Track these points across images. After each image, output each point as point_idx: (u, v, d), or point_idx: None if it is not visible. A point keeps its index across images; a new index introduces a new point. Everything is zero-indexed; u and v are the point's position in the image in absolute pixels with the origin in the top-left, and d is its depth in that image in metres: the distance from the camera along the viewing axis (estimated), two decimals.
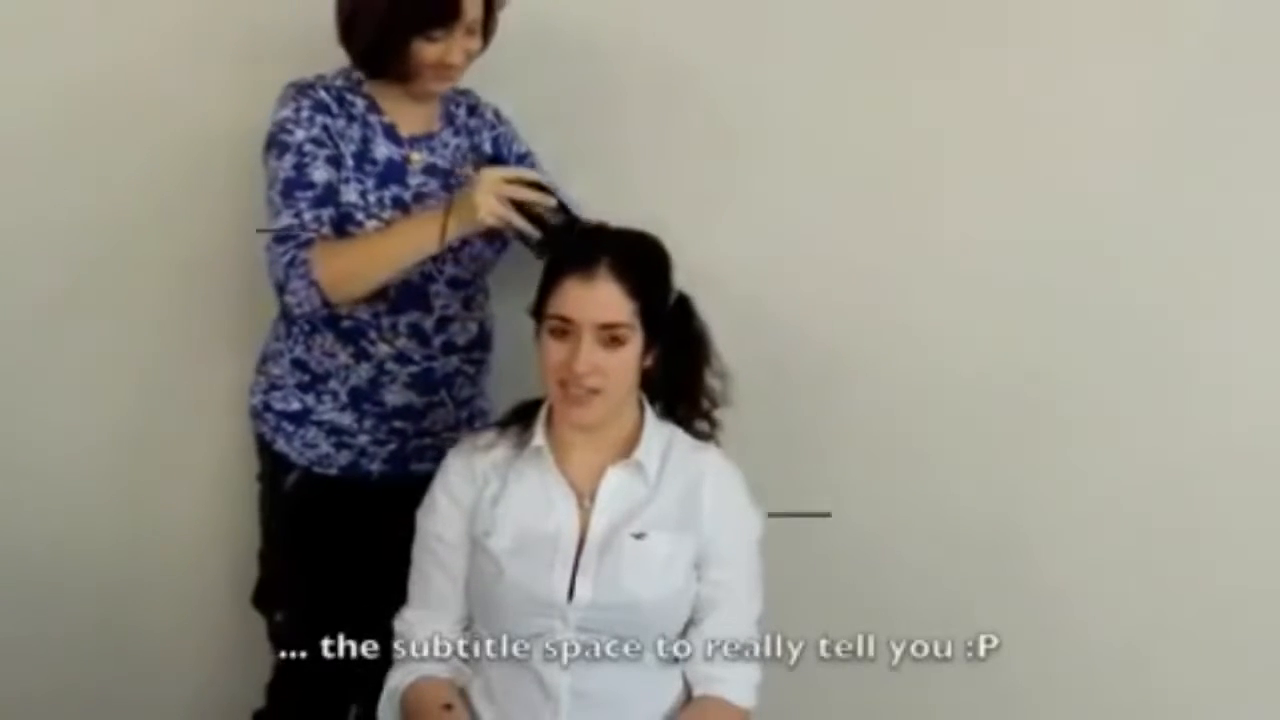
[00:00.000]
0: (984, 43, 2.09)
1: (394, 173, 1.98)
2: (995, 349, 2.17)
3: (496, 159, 2.03)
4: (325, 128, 1.93)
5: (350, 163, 1.95)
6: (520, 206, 1.81)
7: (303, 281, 1.85)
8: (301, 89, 1.95)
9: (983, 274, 2.15)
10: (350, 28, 1.92)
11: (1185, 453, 2.12)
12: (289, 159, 1.90)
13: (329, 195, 1.91)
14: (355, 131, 1.96)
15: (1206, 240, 2.06)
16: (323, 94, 1.95)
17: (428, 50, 1.89)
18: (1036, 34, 2.08)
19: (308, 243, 1.87)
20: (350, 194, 1.93)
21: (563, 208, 1.82)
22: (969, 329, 2.17)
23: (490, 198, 1.80)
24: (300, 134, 1.91)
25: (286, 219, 1.88)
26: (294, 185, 1.89)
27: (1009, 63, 2.09)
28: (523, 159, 2.11)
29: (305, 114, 1.92)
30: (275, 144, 1.92)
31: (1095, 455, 2.16)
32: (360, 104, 1.98)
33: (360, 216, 1.93)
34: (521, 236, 1.84)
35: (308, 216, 1.88)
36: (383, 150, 1.98)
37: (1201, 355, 2.09)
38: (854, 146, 2.15)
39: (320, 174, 1.91)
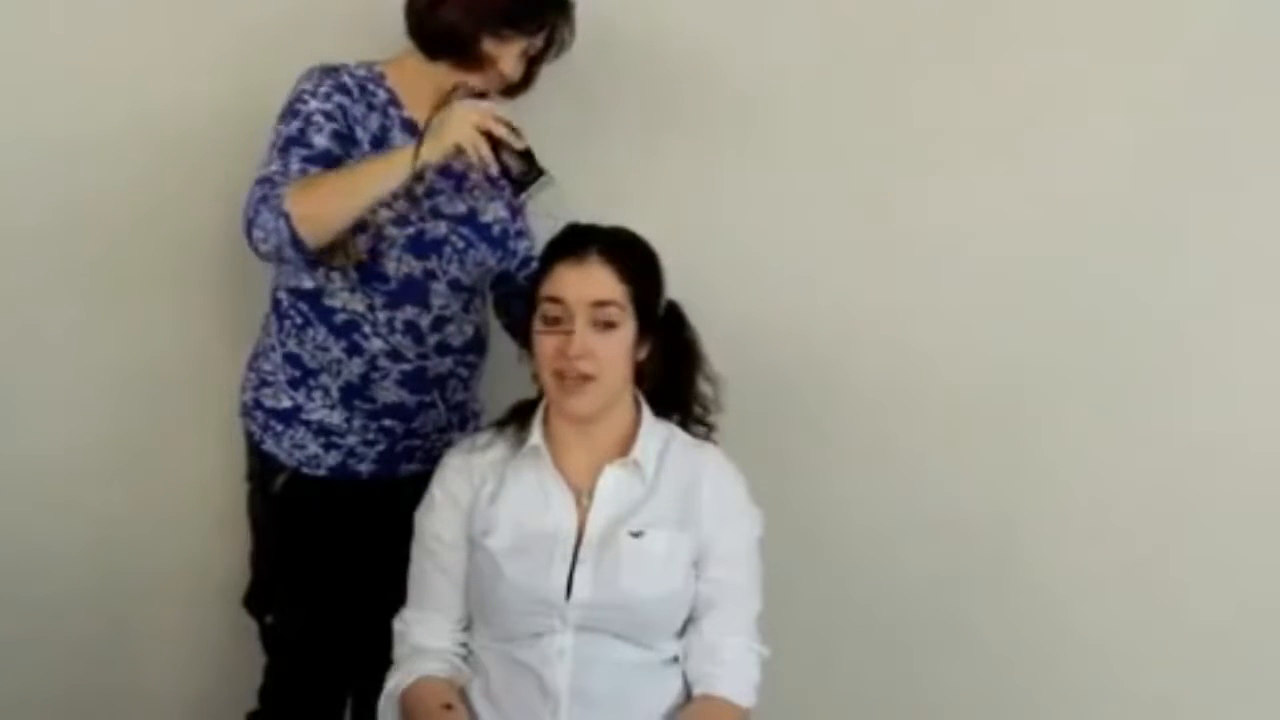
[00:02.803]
0: (979, 47, 2.11)
1: None
2: (991, 350, 2.18)
3: None
4: (341, 107, 1.94)
5: (367, 148, 1.95)
6: (491, 143, 1.82)
7: (271, 214, 1.82)
8: (326, 70, 1.96)
9: (981, 276, 2.16)
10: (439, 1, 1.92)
11: (1182, 453, 2.14)
12: (295, 123, 1.91)
13: (324, 159, 1.90)
14: (374, 120, 1.97)
15: (1203, 241, 2.09)
16: (346, 79, 1.96)
17: (490, 47, 1.93)
18: (1033, 37, 2.10)
19: (284, 185, 1.85)
20: None
21: (528, 155, 1.84)
22: (966, 331, 2.18)
23: (465, 123, 1.82)
24: (314, 104, 1.92)
25: (274, 168, 1.88)
26: (292, 143, 1.90)
27: (1004, 67, 2.11)
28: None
29: (324, 90, 1.93)
30: (288, 112, 1.93)
31: (1092, 457, 2.18)
32: (381, 95, 1.99)
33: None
34: (501, 169, 1.84)
35: (294, 168, 1.87)
36: (399, 141, 1.98)
37: (1198, 357, 2.11)
38: (848, 149, 2.17)
39: (321, 140, 1.91)
